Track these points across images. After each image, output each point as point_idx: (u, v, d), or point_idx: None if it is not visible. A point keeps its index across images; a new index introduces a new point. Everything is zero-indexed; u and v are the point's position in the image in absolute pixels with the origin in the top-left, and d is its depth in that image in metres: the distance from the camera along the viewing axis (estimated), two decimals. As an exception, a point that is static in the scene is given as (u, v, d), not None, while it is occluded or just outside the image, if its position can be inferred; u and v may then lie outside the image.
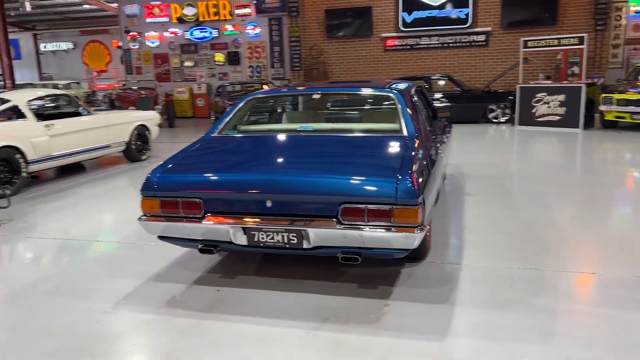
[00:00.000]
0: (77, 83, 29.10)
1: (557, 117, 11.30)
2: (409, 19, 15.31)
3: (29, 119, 6.97)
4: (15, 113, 6.95)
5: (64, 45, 31.85)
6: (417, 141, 3.57)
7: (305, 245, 3.11)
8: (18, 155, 6.65)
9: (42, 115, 7.47)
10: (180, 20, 17.91)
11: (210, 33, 17.72)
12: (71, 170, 8.24)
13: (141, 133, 8.92)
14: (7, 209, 5.77)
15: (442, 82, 13.74)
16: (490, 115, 13.03)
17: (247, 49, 17.51)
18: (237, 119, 4.12)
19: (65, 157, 7.39)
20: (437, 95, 13.09)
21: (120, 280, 3.73)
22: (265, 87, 14.24)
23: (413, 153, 3.34)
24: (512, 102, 12.41)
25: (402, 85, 4.28)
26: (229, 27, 17.52)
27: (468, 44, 15.11)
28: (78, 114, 7.93)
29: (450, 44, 15.24)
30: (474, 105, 13.08)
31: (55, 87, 27.67)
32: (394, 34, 15.63)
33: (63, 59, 32.22)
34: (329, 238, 3.05)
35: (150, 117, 9.30)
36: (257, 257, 4.03)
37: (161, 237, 3.44)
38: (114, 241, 4.74)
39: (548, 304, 3.18)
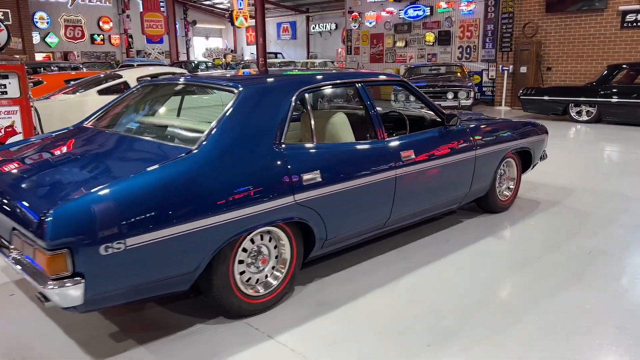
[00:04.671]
0: (332, 62, 31.33)
1: None
2: (659, -16, 11.53)
3: (136, 95, 7.71)
4: (126, 88, 7.77)
5: (328, 27, 34.45)
6: (200, 160, 2.54)
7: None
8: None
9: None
10: (397, -1, 17.35)
11: (424, 11, 16.68)
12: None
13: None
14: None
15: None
16: None
17: (459, 28, 15.93)
18: (115, 109, 3.63)
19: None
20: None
21: None
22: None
23: (148, 175, 2.39)
24: None
25: (289, 81, 3.14)
26: (443, 4, 16.17)
27: None
28: (193, 93, 8.42)
29: None
30: None
31: (313, 65, 30.42)
32: (638, 6, 12.02)
33: (326, 39, 34.96)
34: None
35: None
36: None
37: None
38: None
39: None
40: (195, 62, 25.72)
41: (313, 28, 35.58)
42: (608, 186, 5.66)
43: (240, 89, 2.91)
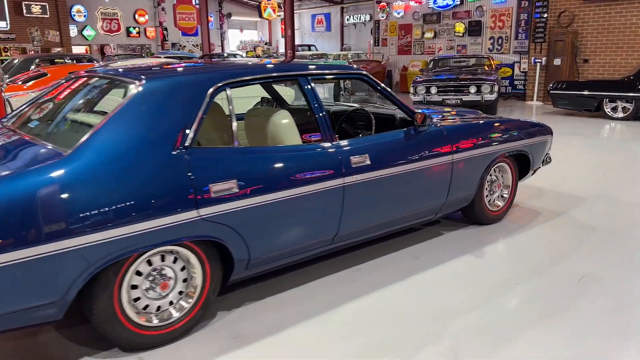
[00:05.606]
0: (365, 54, 30.63)
1: None
2: None
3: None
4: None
5: (362, 18, 33.72)
6: (70, 167, 2.12)
7: None
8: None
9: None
10: (426, -13, 16.60)
11: (454, 0, 15.86)
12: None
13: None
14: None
15: None
16: None
17: (490, 17, 15.06)
18: (35, 104, 3.25)
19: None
20: None
21: None
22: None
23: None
24: None
25: (199, 75, 2.68)
26: (474, -8, 15.33)
27: None
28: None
29: None
30: None
31: (345, 57, 29.80)
32: (686, -8, 10.93)
33: (361, 31, 34.21)
34: None
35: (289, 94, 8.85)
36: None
37: None
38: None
39: None
40: (225, 54, 25.55)
41: (347, 19, 34.90)
42: (629, 195, 4.96)
43: (141, 82, 2.49)
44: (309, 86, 2.99)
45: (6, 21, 23.48)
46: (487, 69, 11.89)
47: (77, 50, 27.35)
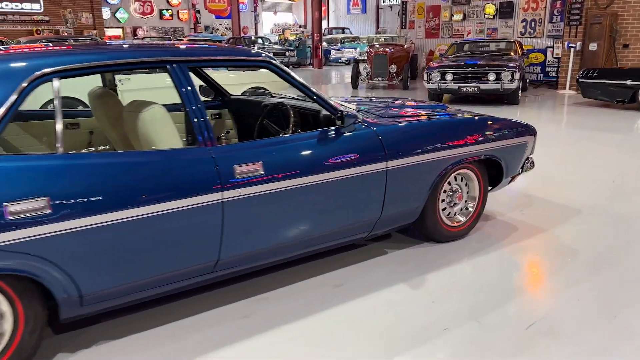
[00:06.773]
0: (397, 37, 29.51)
1: None
2: None
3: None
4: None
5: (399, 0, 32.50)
6: None
7: None
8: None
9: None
10: (455, -34, 15.51)
11: (484, -21, 14.74)
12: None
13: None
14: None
15: None
16: None
17: (523, -2, 13.89)
18: None
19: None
20: None
21: None
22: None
23: None
24: None
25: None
26: (506, -30, 14.16)
27: None
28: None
29: None
30: None
31: (378, 40, 28.79)
32: None
33: (396, 13, 33.03)
34: None
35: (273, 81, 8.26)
36: None
37: None
38: None
39: None
40: (252, 38, 25.04)
41: (383, 1, 33.77)
42: (634, 208, 4.13)
43: None
44: (182, 76, 2.39)
45: (40, 3, 23.66)
46: (512, 54, 10.91)
47: (111, 32, 27.54)
